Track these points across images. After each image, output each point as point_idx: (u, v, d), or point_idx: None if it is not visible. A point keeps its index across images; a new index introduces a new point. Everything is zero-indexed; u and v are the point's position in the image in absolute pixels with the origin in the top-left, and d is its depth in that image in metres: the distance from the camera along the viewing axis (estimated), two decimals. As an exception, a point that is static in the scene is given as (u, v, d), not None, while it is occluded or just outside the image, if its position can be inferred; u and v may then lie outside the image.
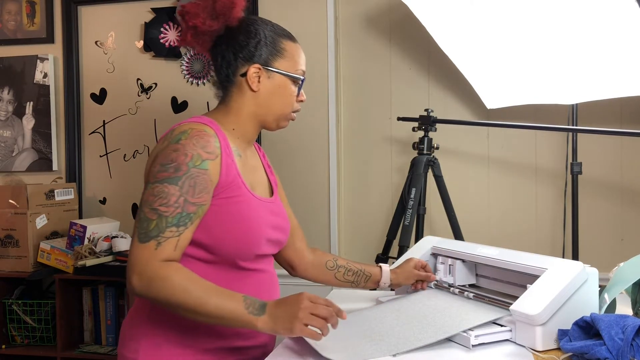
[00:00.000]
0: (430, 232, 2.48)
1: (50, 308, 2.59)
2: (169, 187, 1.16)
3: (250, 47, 1.31)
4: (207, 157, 1.20)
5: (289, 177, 2.59)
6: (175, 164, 1.17)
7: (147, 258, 1.13)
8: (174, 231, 1.15)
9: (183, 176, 1.17)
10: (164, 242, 1.14)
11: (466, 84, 2.37)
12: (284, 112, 1.35)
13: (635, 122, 2.36)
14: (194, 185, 1.17)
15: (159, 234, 1.14)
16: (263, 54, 1.31)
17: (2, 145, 2.90)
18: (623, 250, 2.36)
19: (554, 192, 2.45)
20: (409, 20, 2.43)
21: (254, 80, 1.31)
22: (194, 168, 1.18)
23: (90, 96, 2.83)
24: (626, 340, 0.96)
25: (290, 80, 1.33)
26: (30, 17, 2.86)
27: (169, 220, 1.15)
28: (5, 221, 2.56)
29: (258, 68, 1.31)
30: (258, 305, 1.12)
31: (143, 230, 1.15)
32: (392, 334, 1.19)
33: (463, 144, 2.53)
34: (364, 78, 2.60)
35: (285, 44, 1.34)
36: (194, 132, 1.22)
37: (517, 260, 1.28)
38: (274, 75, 1.32)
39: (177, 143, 1.20)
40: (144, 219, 1.16)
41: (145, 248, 1.13)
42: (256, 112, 1.34)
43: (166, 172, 1.17)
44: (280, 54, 1.33)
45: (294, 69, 1.34)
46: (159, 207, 1.15)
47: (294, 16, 2.57)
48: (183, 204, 1.16)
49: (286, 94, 1.33)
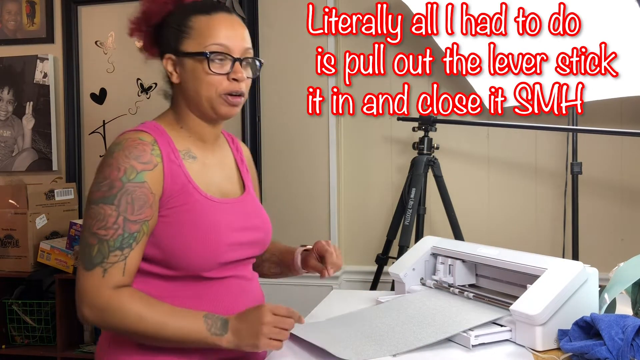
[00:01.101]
0: (430, 232, 2.47)
1: (50, 308, 2.58)
2: (104, 208, 1.08)
3: (163, 38, 1.22)
4: (142, 168, 1.11)
5: (289, 177, 2.60)
6: (108, 180, 1.09)
7: (96, 287, 1.06)
8: (118, 255, 1.08)
9: (118, 193, 1.08)
10: (110, 268, 1.07)
11: (466, 83, 2.37)
12: (208, 97, 1.19)
13: (635, 122, 2.36)
14: (131, 201, 1.09)
15: (103, 260, 1.07)
16: (170, 40, 1.21)
17: (2, 145, 2.89)
18: (623, 250, 2.36)
19: (554, 192, 2.45)
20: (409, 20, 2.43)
21: (171, 72, 1.22)
22: (129, 183, 1.09)
23: (90, 96, 2.83)
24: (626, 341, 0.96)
25: (199, 61, 1.17)
26: (30, 17, 2.86)
27: (110, 244, 1.07)
28: (5, 221, 2.56)
29: (170, 58, 1.21)
30: (220, 324, 1.07)
31: (86, 257, 1.08)
32: (392, 334, 1.18)
33: (463, 144, 2.53)
34: (364, 78, 2.59)
35: (193, 21, 1.19)
36: (128, 142, 1.13)
37: (517, 260, 1.28)
38: (184, 60, 1.19)
39: (110, 157, 1.12)
40: (86, 244, 1.09)
41: (92, 276, 1.07)
42: (188, 105, 1.23)
43: (100, 191, 1.09)
44: (186, 34, 1.19)
45: (202, 46, 1.17)
46: (97, 230, 1.07)
47: (294, 16, 2.56)
48: (123, 224, 1.08)
49: (200, 76, 1.18)
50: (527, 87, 2.22)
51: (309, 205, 2.57)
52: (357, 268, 2.61)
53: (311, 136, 2.57)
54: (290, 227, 2.58)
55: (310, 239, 2.58)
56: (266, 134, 2.61)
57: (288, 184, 2.61)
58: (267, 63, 2.60)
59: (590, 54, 2.03)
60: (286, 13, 2.58)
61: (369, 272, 2.48)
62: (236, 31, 1.21)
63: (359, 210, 2.63)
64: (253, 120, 2.60)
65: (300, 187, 2.58)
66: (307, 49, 2.55)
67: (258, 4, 2.60)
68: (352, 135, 2.62)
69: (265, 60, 2.59)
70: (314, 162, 2.57)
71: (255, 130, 2.61)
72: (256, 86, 2.59)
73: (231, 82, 1.19)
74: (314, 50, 2.53)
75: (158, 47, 1.25)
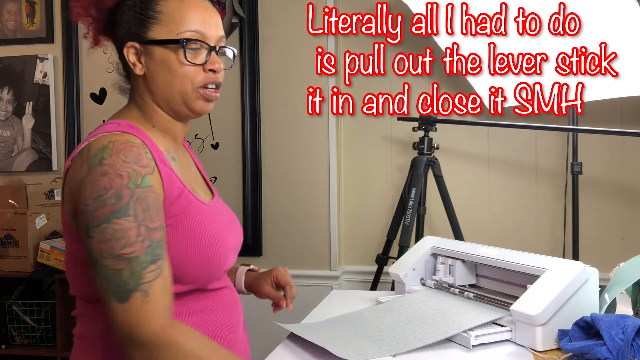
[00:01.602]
0: (430, 232, 2.47)
1: (50, 308, 2.58)
2: (120, 223, 0.91)
3: (120, 24, 1.07)
4: (145, 172, 0.96)
5: (289, 177, 2.59)
6: (112, 191, 0.92)
7: (136, 319, 0.89)
8: (153, 270, 0.92)
9: (130, 202, 0.92)
10: (150, 289, 0.90)
11: (466, 83, 2.37)
12: (182, 91, 1.06)
13: (635, 122, 2.35)
14: (147, 208, 0.94)
15: (138, 283, 0.90)
16: (132, 26, 1.05)
17: (2, 145, 2.89)
18: (623, 250, 2.36)
19: (554, 192, 2.45)
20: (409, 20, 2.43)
21: (134, 62, 1.07)
22: (138, 188, 0.94)
23: (90, 96, 2.83)
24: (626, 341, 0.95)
25: (171, 49, 1.04)
26: (30, 16, 2.86)
27: (140, 260, 0.91)
28: (5, 221, 2.56)
29: (132, 46, 1.06)
30: None
31: (117, 288, 0.90)
32: (392, 334, 1.18)
33: (463, 144, 2.53)
34: (364, 78, 2.59)
35: (161, 5, 1.05)
36: (118, 145, 0.96)
37: (517, 261, 1.28)
38: (151, 49, 1.05)
39: (100, 165, 0.94)
40: (111, 274, 0.90)
41: (131, 307, 0.89)
42: (156, 100, 1.08)
43: (106, 207, 0.91)
44: (154, 19, 1.05)
45: (174, 33, 1.04)
46: (121, 251, 0.90)
47: (294, 17, 2.56)
48: (147, 233, 0.92)
49: (172, 67, 1.04)
50: (527, 87, 2.22)
51: (309, 205, 2.57)
52: (357, 268, 2.61)
53: (311, 136, 2.57)
54: (290, 228, 2.59)
55: (310, 239, 2.60)
56: (266, 134, 2.61)
57: (288, 184, 2.60)
58: (267, 63, 2.60)
59: (590, 54, 2.03)
60: (286, 13, 2.58)
61: (369, 272, 2.48)
62: (211, 17, 1.09)
63: (359, 210, 2.63)
64: (253, 120, 2.60)
65: (300, 187, 2.58)
66: (307, 49, 2.55)
67: (258, 4, 2.60)
68: (352, 135, 2.62)
69: (265, 60, 2.61)
70: (314, 162, 2.57)
71: (255, 130, 2.60)
72: (256, 86, 2.58)
73: (207, 74, 1.07)
74: (314, 50, 2.53)
75: (110, 35, 1.11)
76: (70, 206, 0.99)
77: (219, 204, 1.16)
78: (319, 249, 2.55)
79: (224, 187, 2.59)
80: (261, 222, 2.61)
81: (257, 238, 2.60)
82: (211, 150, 2.66)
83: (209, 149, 2.66)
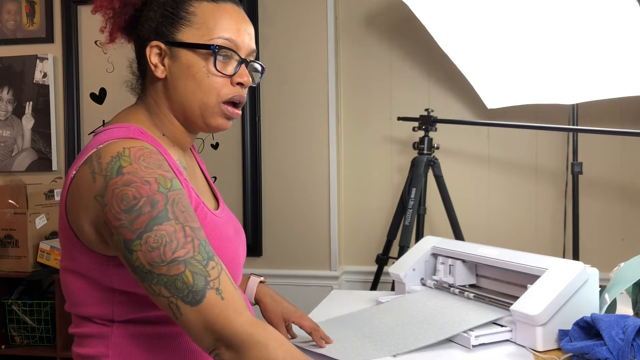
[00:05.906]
0: (431, 232, 2.47)
1: (49, 308, 2.58)
2: (162, 228, 0.83)
3: (145, 21, 0.99)
4: (171, 176, 0.89)
5: (289, 177, 2.59)
6: (144, 199, 0.84)
7: (221, 318, 0.82)
8: (214, 265, 0.85)
9: (166, 206, 0.85)
10: (221, 285, 0.83)
11: (467, 83, 2.37)
12: (205, 103, 0.97)
13: (635, 122, 2.35)
14: (185, 209, 0.87)
15: (208, 281, 0.82)
16: (159, 25, 0.97)
17: (2, 145, 2.89)
18: (623, 250, 2.36)
19: (555, 192, 2.44)
20: (409, 20, 2.43)
21: (156, 63, 0.98)
22: (170, 191, 0.86)
23: (90, 96, 2.83)
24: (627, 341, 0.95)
25: (200, 55, 0.95)
26: (30, 16, 2.86)
27: (198, 258, 0.83)
28: (5, 221, 2.56)
29: (157, 46, 0.97)
30: None
31: (187, 291, 0.82)
32: (392, 334, 1.18)
33: (463, 144, 2.53)
34: (364, 78, 2.59)
35: (195, 7, 0.97)
36: (135, 150, 0.88)
37: (518, 261, 1.28)
38: (177, 52, 0.96)
39: (121, 175, 0.85)
40: (172, 280, 0.82)
41: (208, 308, 0.82)
42: (172, 108, 1.00)
43: (142, 216, 0.83)
44: (185, 20, 0.96)
45: (205, 38, 0.95)
46: (175, 254, 0.82)
47: (294, 16, 2.56)
48: (193, 233, 0.85)
49: (198, 75, 0.96)
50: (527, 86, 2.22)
51: (309, 205, 2.57)
52: (357, 268, 2.61)
53: (311, 136, 2.57)
54: (290, 228, 2.58)
55: (310, 239, 2.59)
56: (266, 134, 2.61)
57: (288, 184, 2.60)
58: (266, 63, 2.60)
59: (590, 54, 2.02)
60: (286, 13, 2.58)
61: (369, 272, 2.48)
62: (246, 27, 1.00)
63: (359, 210, 2.62)
64: (253, 120, 2.60)
65: (300, 187, 2.58)
66: (307, 48, 2.55)
67: (258, 3, 2.60)
68: (352, 135, 2.62)
69: (265, 60, 2.60)
70: (314, 162, 2.57)
71: (255, 130, 2.60)
72: (256, 86, 2.58)
73: (235, 87, 0.98)
74: (314, 50, 2.53)
75: (132, 32, 1.04)
76: (79, 219, 0.90)
77: (225, 213, 1.10)
78: (319, 249, 2.55)
79: (224, 187, 2.59)
80: (261, 222, 2.61)
81: (257, 238, 2.60)
82: (211, 150, 2.66)
83: (209, 149, 2.66)
